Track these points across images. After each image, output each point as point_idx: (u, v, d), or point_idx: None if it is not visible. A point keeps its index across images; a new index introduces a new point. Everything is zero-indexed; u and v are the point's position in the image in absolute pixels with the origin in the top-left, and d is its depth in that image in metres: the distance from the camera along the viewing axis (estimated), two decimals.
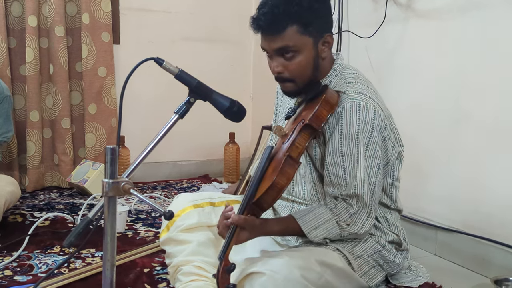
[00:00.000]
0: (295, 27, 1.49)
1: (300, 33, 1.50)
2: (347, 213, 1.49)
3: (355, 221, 1.49)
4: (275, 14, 1.48)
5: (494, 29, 1.93)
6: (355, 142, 1.48)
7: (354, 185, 1.48)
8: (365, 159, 1.49)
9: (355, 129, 1.48)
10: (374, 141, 1.50)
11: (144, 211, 2.67)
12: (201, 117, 2.28)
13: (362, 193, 1.48)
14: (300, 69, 1.53)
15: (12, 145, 2.98)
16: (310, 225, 1.48)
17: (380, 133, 1.51)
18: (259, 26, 1.51)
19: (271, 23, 1.49)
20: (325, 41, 1.57)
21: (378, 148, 1.51)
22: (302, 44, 1.51)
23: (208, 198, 1.72)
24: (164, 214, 1.07)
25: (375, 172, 1.51)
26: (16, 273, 1.85)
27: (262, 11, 1.50)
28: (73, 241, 1.14)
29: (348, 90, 1.52)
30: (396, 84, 2.38)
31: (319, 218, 1.49)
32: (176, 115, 1.33)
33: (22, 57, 2.96)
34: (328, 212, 1.50)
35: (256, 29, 1.53)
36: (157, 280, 1.82)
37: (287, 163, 1.39)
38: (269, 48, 1.54)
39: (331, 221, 1.49)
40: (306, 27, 1.50)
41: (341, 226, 1.49)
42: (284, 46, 1.50)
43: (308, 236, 1.48)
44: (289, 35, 1.49)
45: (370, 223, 1.51)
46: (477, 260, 1.99)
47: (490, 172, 1.96)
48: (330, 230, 1.49)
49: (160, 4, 3.36)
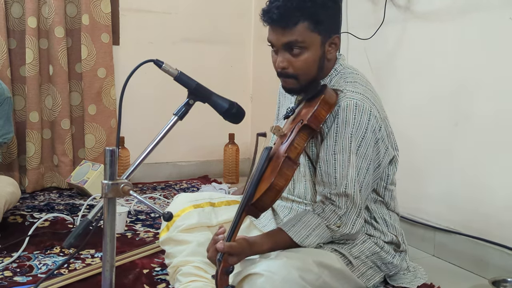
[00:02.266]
0: (306, 23, 1.49)
1: (310, 30, 1.50)
2: (336, 215, 1.48)
3: (345, 222, 1.48)
4: (288, 7, 1.47)
5: (493, 30, 1.94)
6: (348, 141, 1.48)
7: (345, 184, 1.48)
8: (356, 159, 1.48)
9: (350, 128, 1.48)
10: (367, 142, 1.49)
11: (143, 212, 2.67)
12: (201, 117, 2.29)
13: (352, 192, 1.47)
14: (305, 66, 1.53)
15: (12, 146, 2.98)
16: (302, 235, 1.47)
17: (373, 135, 1.51)
18: (271, 18, 1.50)
19: (283, 17, 1.48)
20: (332, 42, 1.57)
21: (370, 149, 1.51)
22: (311, 41, 1.51)
23: (208, 198, 1.72)
24: (163, 215, 1.08)
25: (364, 173, 1.50)
26: (16, 274, 1.85)
27: (275, 4, 1.49)
28: (72, 242, 1.14)
29: (346, 89, 1.53)
30: (395, 85, 2.39)
31: (309, 225, 1.48)
32: (175, 116, 1.33)
33: (22, 58, 2.97)
34: (316, 218, 1.49)
35: (267, 21, 1.52)
36: (157, 281, 1.82)
37: (285, 164, 1.39)
38: (277, 42, 1.52)
39: (321, 226, 1.48)
40: (317, 25, 1.50)
41: (332, 229, 1.49)
42: (293, 41, 1.49)
43: (302, 245, 1.47)
44: (299, 30, 1.49)
45: (360, 222, 1.50)
46: (475, 261, 2.00)
47: (489, 173, 1.96)
48: (322, 235, 1.48)
49: (159, 5, 3.36)
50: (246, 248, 1.40)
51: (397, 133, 1.70)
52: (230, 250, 1.34)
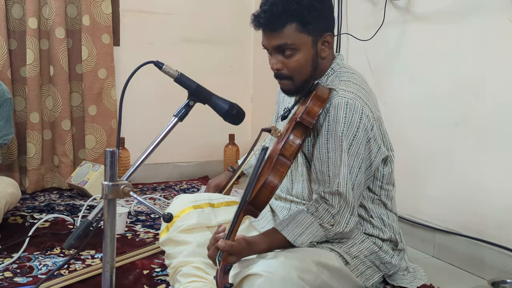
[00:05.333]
0: (294, 25, 1.50)
1: (299, 31, 1.51)
2: (329, 214, 1.49)
3: (339, 221, 1.49)
4: (274, 11, 1.50)
5: (492, 31, 1.94)
6: (340, 140, 1.48)
7: (337, 183, 1.48)
8: (348, 158, 1.49)
9: (341, 127, 1.48)
10: (358, 140, 1.49)
11: (143, 212, 2.67)
12: (201, 118, 2.29)
13: (345, 191, 1.48)
14: (299, 67, 1.55)
15: (12, 147, 2.99)
16: (295, 233, 1.47)
17: (365, 133, 1.50)
18: (259, 23, 1.54)
19: (270, 21, 1.51)
20: (325, 40, 1.58)
21: (361, 148, 1.51)
22: (301, 42, 1.53)
23: (207, 199, 1.73)
24: (163, 216, 1.08)
25: (356, 171, 1.50)
26: (16, 275, 1.85)
27: (262, 9, 1.53)
28: (73, 243, 1.15)
29: (339, 87, 1.53)
30: (395, 86, 2.39)
31: (302, 224, 1.48)
32: (176, 118, 1.34)
33: (22, 59, 2.97)
34: (309, 216, 1.49)
35: (256, 26, 1.55)
36: (157, 281, 1.82)
37: (279, 161, 1.41)
38: (268, 45, 1.56)
39: (314, 225, 1.49)
40: (305, 26, 1.51)
41: (325, 227, 1.49)
42: (283, 44, 1.52)
43: (295, 244, 1.47)
44: (288, 32, 1.51)
45: (354, 220, 1.51)
46: (475, 262, 2.00)
47: (488, 174, 1.96)
48: (315, 233, 1.49)
49: (160, 6, 3.37)
50: (245, 247, 1.41)
51: (397, 134, 1.70)
52: (231, 249, 1.35)
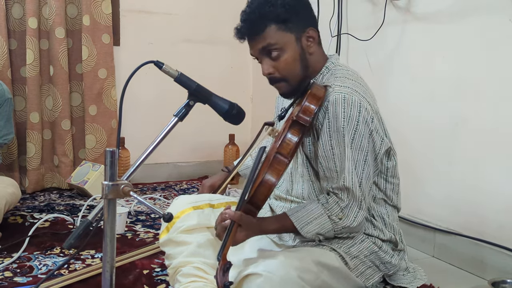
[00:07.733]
0: (274, 25, 1.53)
1: (280, 30, 1.54)
2: (338, 207, 1.49)
3: (347, 215, 1.49)
4: (252, 19, 1.55)
5: (493, 31, 1.94)
6: (342, 135, 1.49)
7: (343, 178, 1.49)
8: (351, 152, 1.49)
9: (341, 122, 1.49)
10: (360, 134, 1.50)
11: (143, 212, 2.68)
12: (201, 118, 2.29)
13: (351, 185, 1.48)
14: (288, 66, 1.56)
15: (12, 147, 2.99)
16: (303, 221, 1.49)
17: (366, 126, 1.51)
18: (241, 33, 1.59)
19: (250, 28, 1.56)
20: (308, 36, 1.59)
21: (364, 141, 1.51)
22: (284, 41, 1.55)
23: (207, 199, 1.73)
24: (163, 216, 1.08)
25: (361, 165, 1.51)
26: (16, 274, 1.85)
27: (242, 20, 1.58)
28: (73, 242, 1.14)
29: (335, 84, 1.54)
30: (395, 86, 2.39)
31: (311, 213, 1.50)
32: (176, 117, 1.33)
33: (22, 58, 2.97)
34: (320, 207, 1.51)
35: (240, 37, 1.60)
36: (156, 281, 1.82)
37: (276, 159, 1.42)
38: (254, 51, 1.59)
39: (323, 216, 1.50)
40: (285, 24, 1.54)
41: (333, 220, 1.50)
42: (267, 45, 1.54)
43: (301, 231, 1.49)
44: (269, 34, 1.54)
45: (362, 215, 1.51)
46: (475, 262, 2.00)
47: (489, 174, 1.96)
48: (323, 225, 1.50)
49: (160, 6, 3.37)
50: (255, 223, 1.44)
51: (397, 134, 1.70)
52: (240, 219, 1.38)
